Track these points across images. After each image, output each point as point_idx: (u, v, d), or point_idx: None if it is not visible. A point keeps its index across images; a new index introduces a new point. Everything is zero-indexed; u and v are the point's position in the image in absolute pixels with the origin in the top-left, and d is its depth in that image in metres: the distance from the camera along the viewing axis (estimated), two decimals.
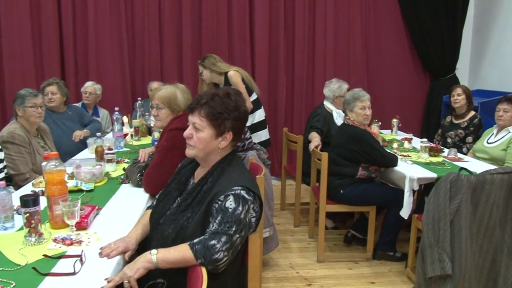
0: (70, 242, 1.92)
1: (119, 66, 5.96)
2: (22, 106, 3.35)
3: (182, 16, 5.92)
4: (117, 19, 5.89)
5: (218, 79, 4.45)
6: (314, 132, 4.27)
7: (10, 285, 1.59)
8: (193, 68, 5.97)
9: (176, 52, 6.03)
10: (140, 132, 4.47)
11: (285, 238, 4.29)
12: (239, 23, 5.99)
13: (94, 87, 5.31)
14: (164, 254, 1.71)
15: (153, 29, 5.94)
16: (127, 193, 2.70)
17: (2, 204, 2.09)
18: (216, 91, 1.94)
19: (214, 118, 1.88)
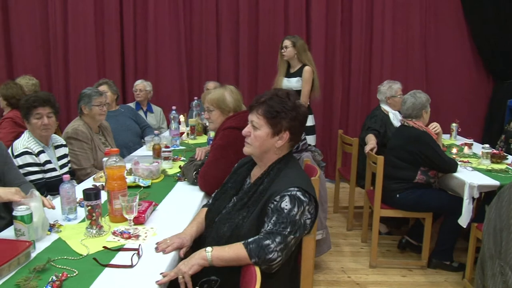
0: (128, 236, 1.99)
1: (177, 66, 6.09)
2: (89, 105, 3.49)
3: (239, 17, 5.98)
4: (175, 21, 6.03)
5: (294, 64, 4.51)
6: (371, 134, 4.20)
7: (73, 273, 1.67)
8: (249, 68, 6.04)
9: (233, 52, 6.09)
10: (196, 131, 4.55)
11: (338, 241, 4.24)
12: (295, 24, 5.98)
13: (144, 84, 5.46)
14: (218, 252, 1.73)
15: (210, 29, 6.03)
16: (183, 190, 2.76)
17: (66, 197, 2.20)
18: (276, 91, 1.95)
19: (271, 116, 1.89)
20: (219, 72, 6.10)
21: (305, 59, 4.47)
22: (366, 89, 6.13)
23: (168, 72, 6.09)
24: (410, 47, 6.10)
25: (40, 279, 1.62)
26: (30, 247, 1.81)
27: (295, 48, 4.45)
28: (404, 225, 4.49)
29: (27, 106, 2.90)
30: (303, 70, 4.42)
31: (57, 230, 2.09)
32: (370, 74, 6.11)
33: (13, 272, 1.68)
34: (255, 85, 6.07)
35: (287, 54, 4.47)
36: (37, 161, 2.88)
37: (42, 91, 3.15)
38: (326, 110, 6.08)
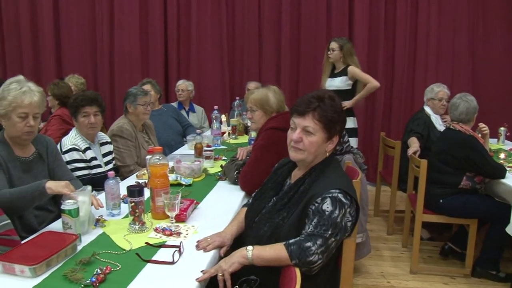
0: (170, 233, 2.02)
1: (219, 66, 6.16)
2: (134, 104, 3.57)
3: (281, 16, 5.98)
4: (218, 21, 6.10)
5: (339, 66, 4.50)
6: (414, 137, 4.12)
7: (116, 267, 1.72)
8: (291, 68, 6.03)
9: (275, 52, 6.10)
10: (237, 130, 4.58)
11: (377, 245, 4.17)
12: (337, 24, 5.93)
13: (186, 84, 5.54)
14: (259, 251, 1.74)
15: (252, 29, 6.07)
16: (224, 189, 2.78)
17: (111, 193, 2.26)
18: (321, 94, 1.91)
19: (327, 121, 1.86)
20: (261, 72, 6.12)
21: (351, 62, 4.44)
22: (409, 91, 6.01)
23: (210, 72, 6.16)
24: (457, 47, 5.92)
25: (86, 271, 1.68)
26: (77, 240, 1.87)
27: (342, 51, 4.42)
28: (447, 231, 4.37)
29: (75, 105, 3.00)
30: (348, 69, 4.39)
31: (102, 225, 2.15)
32: (414, 76, 5.98)
33: (60, 263, 1.75)
34: (296, 85, 6.06)
35: (333, 57, 4.45)
36: (84, 157, 2.97)
37: (89, 90, 3.26)
38: (368, 112, 6.00)
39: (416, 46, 5.94)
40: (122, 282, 1.62)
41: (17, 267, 1.65)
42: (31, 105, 2.23)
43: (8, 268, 1.67)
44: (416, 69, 5.97)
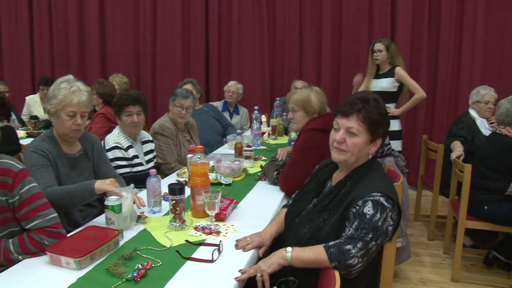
0: (209, 232, 2.04)
1: (260, 66, 6.17)
2: (172, 103, 3.63)
3: (322, 16, 5.94)
4: (259, 21, 6.12)
5: (384, 67, 4.45)
6: (458, 141, 4.01)
7: (157, 263, 1.76)
8: (332, 68, 5.97)
9: (316, 52, 6.05)
10: (277, 131, 4.58)
11: (417, 251, 4.08)
12: (379, 24, 5.81)
13: (237, 86, 5.56)
14: (298, 252, 1.73)
15: (293, 29, 6.05)
16: (263, 190, 2.79)
17: (152, 190, 2.30)
18: (366, 96, 1.89)
19: (372, 123, 1.84)
20: (301, 72, 6.10)
21: (397, 63, 4.38)
22: (453, 94, 5.84)
23: (251, 72, 6.18)
24: (505, 49, 5.71)
25: (127, 266, 1.72)
26: (119, 236, 1.92)
27: (388, 52, 4.37)
28: (491, 239, 4.23)
29: (119, 104, 3.07)
30: (395, 70, 4.33)
31: (143, 221, 2.20)
32: (458, 77, 5.80)
33: (103, 257, 1.80)
34: (337, 86, 5.99)
35: (380, 58, 4.39)
36: (126, 155, 3.04)
37: (133, 90, 3.33)
38: (409, 114, 5.86)
39: (461, 46, 5.74)
40: (162, 278, 1.64)
41: (63, 259, 1.70)
42: (79, 104, 2.30)
43: (55, 259, 1.73)
44: (461, 70, 5.78)
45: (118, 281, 1.61)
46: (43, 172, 2.22)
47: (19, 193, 1.80)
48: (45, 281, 1.63)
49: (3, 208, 1.81)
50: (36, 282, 1.63)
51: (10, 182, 1.79)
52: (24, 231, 1.87)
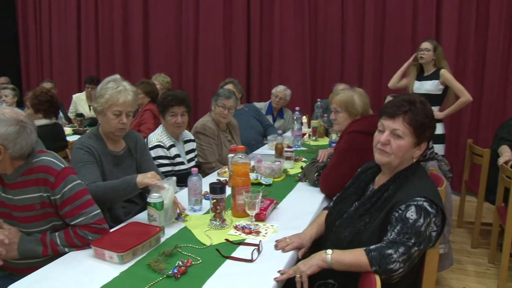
0: (249, 231, 2.05)
1: (301, 66, 6.15)
2: (215, 103, 3.66)
3: (364, 17, 5.85)
4: (300, 22, 6.09)
5: (428, 68, 4.36)
6: (505, 145, 3.87)
7: (197, 261, 1.78)
8: (374, 70, 5.88)
9: (358, 53, 5.97)
10: (318, 132, 4.55)
11: (460, 258, 3.97)
12: (424, 25, 5.64)
13: (285, 92, 5.47)
14: (339, 255, 1.71)
15: (335, 30, 5.98)
16: (304, 191, 2.77)
17: (193, 189, 2.33)
18: (412, 98, 1.85)
19: (418, 126, 1.80)
20: (343, 73, 6.03)
21: (443, 66, 4.28)
22: (500, 96, 5.61)
23: (292, 72, 6.17)
24: None
25: (168, 262, 1.75)
26: (160, 232, 1.95)
27: (435, 53, 4.27)
28: None
29: (164, 104, 3.12)
30: (440, 72, 4.23)
31: (184, 219, 2.22)
32: (506, 81, 5.59)
33: (145, 253, 1.84)
34: (379, 87, 5.88)
35: (425, 58, 4.29)
36: (168, 154, 3.08)
37: (178, 90, 3.37)
38: (453, 118, 5.69)
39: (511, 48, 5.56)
40: (202, 275, 1.66)
41: (107, 253, 1.75)
42: (125, 104, 2.36)
43: (99, 253, 1.78)
44: (510, 73, 5.56)
45: (159, 277, 1.64)
46: (89, 168, 2.28)
47: (61, 191, 1.86)
48: (89, 273, 1.68)
49: (44, 204, 1.88)
50: (81, 274, 1.68)
51: (52, 180, 1.85)
52: (67, 225, 1.93)
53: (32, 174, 1.86)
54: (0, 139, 1.77)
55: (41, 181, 1.85)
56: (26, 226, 1.89)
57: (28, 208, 1.87)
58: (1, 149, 1.78)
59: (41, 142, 1.98)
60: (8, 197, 1.88)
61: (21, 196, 1.86)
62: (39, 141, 1.97)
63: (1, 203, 1.90)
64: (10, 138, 1.78)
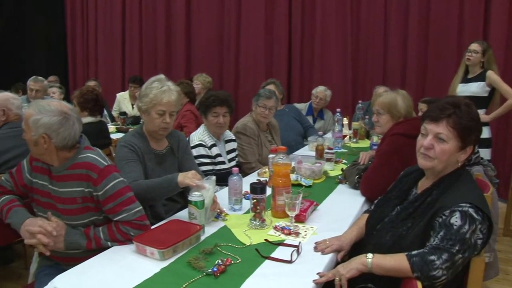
0: (289, 232, 2.04)
1: (342, 68, 6.09)
2: (255, 103, 3.67)
3: (408, 17, 5.72)
4: (342, 22, 6.03)
5: (474, 70, 4.23)
6: None
7: (237, 260, 1.79)
8: (418, 71, 5.75)
9: (401, 55, 5.85)
10: (359, 134, 4.50)
11: (507, 268, 3.83)
12: (470, 26, 5.44)
13: (325, 93, 5.44)
14: (379, 259, 1.68)
15: (377, 30, 5.90)
16: (344, 193, 2.74)
17: (234, 188, 2.34)
18: (457, 101, 1.80)
19: (463, 129, 1.75)
20: (385, 74, 5.93)
21: (492, 69, 4.14)
22: None
23: (333, 74, 6.11)
24: None
25: (208, 260, 1.76)
26: (201, 231, 1.98)
27: (484, 56, 4.13)
28: None
29: (206, 104, 3.15)
30: (487, 74, 4.09)
31: (224, 218, 2.24)
32: None
33: (185, 250, 1.86)
34: (422, 89, 5.75)
35: (472, 60, 4.16)
36: (209, 153, 3.11)
37: (221, 91, 3.41)
38: (500, 121, 5.49)
39: None
40: (241, 275, 1.67)
41: (148, 249, 1.79)
42: (168, 104, 2.39)
43: (140, 249, 1.82)
44: None
45: (198, 274, 1.66)
46: (132, 166, 2.33)
47: (103, 189, 1.90)
48: (131, 268, 1.72)
49: (85, 198, 1.93)
50: (123, 268, 1.73)
51: (94, 177, 1.90)
52: (107, 221, 1.99)
53: (76, 169, 1.92)
54: (44, 128, 1.85)
55: (84, 176, 1.91)
56: (67, 218, 1.95)
57: (71, 201, 1.93)
58: (45, 138, 1.86)
59: (87, 139, 2.03)
60: (54, 189, 1.95)
61: (65, 188, 1.93)
62: (86, 138, 2.03)
63: (47, 194, 1.98)
64: (53, 128, 1.86)
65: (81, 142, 2.00)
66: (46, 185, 1.98)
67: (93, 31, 7.93)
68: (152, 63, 7.31)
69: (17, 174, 2.08)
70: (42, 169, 2.00)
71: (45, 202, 1.99)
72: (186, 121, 4.79)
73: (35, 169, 2.02)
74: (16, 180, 2.08)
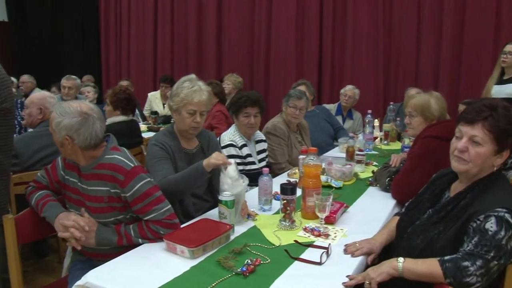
0: (318, 234, 2.04)
1: (374, 69, 6.01)
2: (286, 104, 3.67)
3: (442, 18, 5.58)
4: (374, 24, 5.95)
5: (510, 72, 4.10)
6: None
7: (266, 260, 1.79)
8: (451, 73, 5.61)
9: (434, 57, 5.72)
10: (390, 136, 4.44)
11: None
12: (508, 25, 5.30)
13: (354, 91, 5.42)
14: (411, 264, 1.66)
15: (410, 31, 5.78)
16: (374, 196, 2.71)
17: (264, 188, 2.35)
18: (494, 103, 1.75)
19: (499, 132, 1.71)
20: (417, 77, 5.82)
21: None
22: None
23: (365, 75, 6.04)
24: None
25: (237, 260, 1.77)
26: (230, 230, 1.98)
27: None
28: None
29: (238, 104, 3.17)
30: None
31: (253, 218, 2.25)
32: None
33: (215, 249, 1.88)
34: (456, 91, 5.61)
35: (508, 61, 4.04)
36: (240, 153, 3.13)
37: (253, 91, 3.42)
38: None
39: None
40: (270, 275, 1.67)
41: (178, 247, 1.81)
42: (199, 103, 2.42)
43: (171, 247, 1.84)
44: None
45: (228, 273, 1.67)
46: (162, 163, 2.36)
47: (131, 190, 1.93)
48: (161, 265, 1.75)
49: (111, 198, 1.97)
50: (154, 265, 1.75)
51: (121, 179, 1.92)
52: (133, 220, 2.02)
53: (102, 169, 1.95)
54: (65, 130, 1.90)
55: (109, 177, 1.94)
56: (95, 216, 2.00)
57: (98, 199, 1.97)
58: (68, 139, 1.91)
59: (115, 139, 2.07)
60: (83, 187, 2.00)
61: (92, 187, 1.97)
62: (114, 138, 2.07)
63: (77, 191, 2.03)
64: (74, 128, 1.89)
65: (108, 141, 2.03)
66: (76, 182, 2.03)
67: (126, 32, 8.08)
68: (183, 63, 7.39)
69: (52, 171, 2.14)
70: (73, 166, 2.05)
71: (76, 199, 2.04)
72: (217, 122, 4.82)
73: (68, 166, 2.08)
74: (51, 176, 2.14)
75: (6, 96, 2.21)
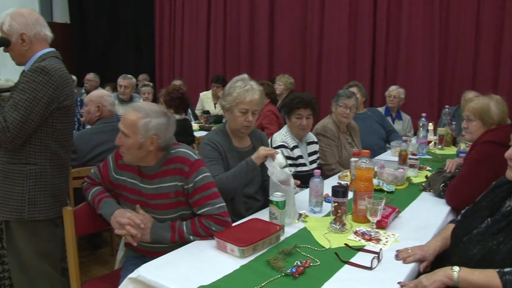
0: (369, 238, 2.01)
1: (428, 72, 5.83)
2: (336, 103, 3.64)
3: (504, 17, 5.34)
4: (430, 23, 5.76)
5: None
6: None
7: (316, 262, 1.78)
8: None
9: (493, 58, 5.47)
10: (445, 141, 4.31)
11: None
12: None
13: (398, 90, 5.36)
14: (467, 274, 1.59)
15: (468, 33, 5.55)
16: (428, 201, 2.64)
17: (315, 190, 2.34)
18: None
19: None
20: (475, 80, 5.59)
21: None
22: None
23: (419, 78, 5.87)
24: None
25: (286, 261, 1.77)
26: (281, 231, 1.99)
27: None
28: None
29: (291, 105, 3.18)
30: None
31: (304, 220, 2.24)
32: None
33: (265, 249, 1.88)
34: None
35: None
36: (291, 155, 3.12)
37: (306, 93, 3.42)
38: None
39: None
40: (319, 278, 1.66)
41: (228, 245, 1.83)
42: (251, 103, 2.44)
43: (221, 245, 1.87)
44: None
45: (277, 274, 1.67)
46: (214, 165, 2.40)
47: (193, 181, 1.98)
48: (211, 263, 1.78)
49: (178, 192, 2.01)
50: (203, 262, 1.78)
51: (186, 170, 1.98)
52: (194, 216, 2.05)
53: (170, 164, 2.01)
54: (155, 129, 1.94)
55: (178, 171, 1.99)
56: (159, 213, 2.05)
57: (164, 196, 2.02)
58: (154, 139, 1.95)
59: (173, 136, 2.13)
60: (146, 187, 2.05)
61: (159, 185, 2.02)
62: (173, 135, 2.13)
63: (137, 192, 2.08)
64: (162, 128, 1.95)
65: None
66: (136, 183, 2.07)
67: (179, 32, 8.24)
68: (235, 64, 7.45)
69: (104, 169, 2.20)
70: (128, 167, 2.09)
71: (134, 199, 2.09)
72: (268, 122, 4.84)
73: (121, 167, 2.12)
74: (103, 175, 2.20)
75: (67, 95, 2.29)
